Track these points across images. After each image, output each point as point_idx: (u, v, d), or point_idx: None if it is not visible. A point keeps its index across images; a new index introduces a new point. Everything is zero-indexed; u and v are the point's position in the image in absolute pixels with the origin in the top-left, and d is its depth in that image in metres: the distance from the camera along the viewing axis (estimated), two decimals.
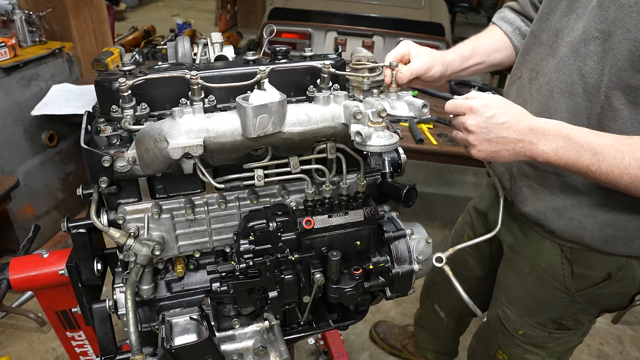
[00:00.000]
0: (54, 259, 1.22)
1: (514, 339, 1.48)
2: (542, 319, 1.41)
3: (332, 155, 1.06)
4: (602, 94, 1.06)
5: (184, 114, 0.90)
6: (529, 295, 1.41)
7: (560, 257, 1.30)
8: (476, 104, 1.03)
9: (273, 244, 1.03)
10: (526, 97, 1.25)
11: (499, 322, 1.50)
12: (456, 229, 1.79)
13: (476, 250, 1.66)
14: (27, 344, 2.41)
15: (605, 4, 1.04)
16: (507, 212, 1.40)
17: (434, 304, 1.96)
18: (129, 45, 4.85)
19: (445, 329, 2.01)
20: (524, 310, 1.43)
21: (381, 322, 2.54)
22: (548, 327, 1.41)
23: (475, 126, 1.03)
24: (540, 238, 1.33)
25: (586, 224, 1.19)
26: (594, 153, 0.98)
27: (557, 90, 1.15)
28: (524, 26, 1.42)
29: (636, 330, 2.72)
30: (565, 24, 1.15)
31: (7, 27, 2.75)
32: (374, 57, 1.14)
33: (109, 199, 1.04)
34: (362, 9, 3.80)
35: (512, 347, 1.50)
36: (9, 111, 2.61)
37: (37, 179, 2.88)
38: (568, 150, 1.00)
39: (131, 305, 0.95)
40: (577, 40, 1.10)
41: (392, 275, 1.12)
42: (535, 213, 1.28)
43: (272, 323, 1.09)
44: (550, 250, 1.31)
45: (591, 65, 1.07)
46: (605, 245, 1.20)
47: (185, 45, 1.17)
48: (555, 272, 1.32)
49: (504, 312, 1.48)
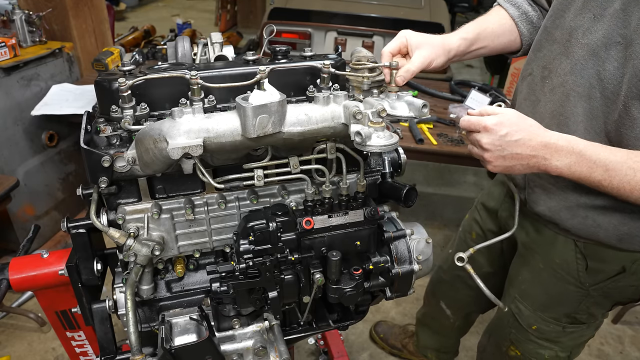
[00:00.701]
0: (54, 259, 1.22)
1: (527, 334, 1.48)
2: (556, 313, 1.41)
3: (332, 155, 1.06)
4: (621, 102, 1.05)
5: (183, 114, 0.89)
6: (543, 290, 1.42)
7: (574, 252, 1.30)
8: (490, 122, 1.04)
9: (273, 244, 1.03)
10: (539, 96, 1.24)
11: (512, 318, 1.50)
12: (464, 226, 1.79)
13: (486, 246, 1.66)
14: (27, 344, 2.41)
15: (630, 8, 1.02)
16: (520, 210, 1.40)
17: (440, 302, 1.95)
18: (129, 45, 4.85)
19: (450, 327, 2.01)
20: (538, 305, 1.43)
21: (381, 322, 2.54)
22: (562, 322, 1.42)
23: (489, 144, 1.05)
24: (554, 234, 1.33)
25: (601, 222, 1.20)
26: (606, 169, 1.01)
27: (573, 94, 1.13)
28: (531, 11, 1.37)
29: (636, 330, 2.72)
30: (580, 23, 1.12)
31: (7, 27, 2.75)
32: (374, 57, 1.14)
33: (109, 199, 1.04)
34: (362, 9, 3.79)
35: (526, 343, 1.50)
36: (9, 111, 2.61)
37: (37, 179, 2.88)
38: (581, 166, 1.03)
39: (131, 305, 0.95)
40: (597, 44, 1.08)
41: (392, 275, 1.12)
42: (549, 212, 1.28)
43: (272, 323, 1.09)
44: (565, 245, 1.31)
45: (611, 70, 1.06)
46: (620, 243, 1.20)
47: (185, 45, 1.17)
48: (570, 267, 1.32)
49: (518, 308, 1.48)
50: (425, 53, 1.19)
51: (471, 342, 2.35)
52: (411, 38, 1.20)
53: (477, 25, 1.37)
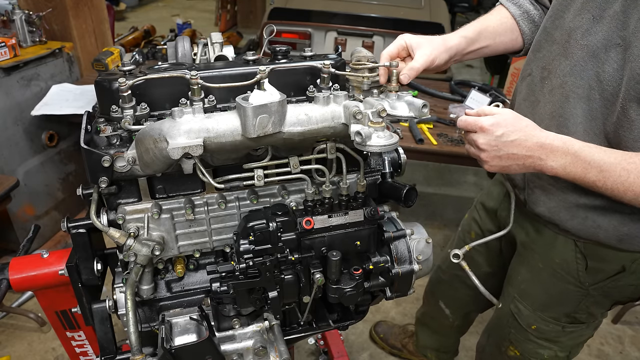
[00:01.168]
0: (54, 259, 1.22)
1: (526, 334, 1.48)
2: (556, 313, 1.41)
3: (332, 155, 1.06)
4: (619, 104, 1.05)
5: (183, 114, 0.90)
6: (542, 290, 1.42)
7: (574, 251, 1.30)
8: (486, 123, 1.06)
9: (273, 244, 1.03)
10: (538, 97, 1.24)
11: (512, 318, 1.50)
12: (463, 225, 1.79)
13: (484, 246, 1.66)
14: (27, 344, 2.41)
15: (629, 10, 1.02)
16: (520, 210, 1.40)
17: (439, 302, 1.96)
18: (129, 45, 4.85)
19: (449, 327, 2.01)
20: (538, 305, 1.43)
21: (381, 322, 2.54)
22: (562, 322, 1.42)
23: (486, 145, 1.07)
24: (553, 235, 1.33)
25: (600, 223, 1.20)
26: (601, 170, 1.02)
27: (573, 95, 1.14)
28: (532, 9, 1.37)
29: (636, 330, 2.72)
30: (579, 24, 1.12)
31: (7, 27, 2.75)
32: (374, 57, 1.14)
33: (109, 199, 1.04)
34: (362, 9, 3.79)
35: (525, 343, 1.50)
36: (9, 111, 2.61)
37: (37, 179, 2.88)
38: (575, 167, 1.04)
39: (131, 305, 0.95)
40: (596, 45, 1.08)
41: (392, 275, 1.12)
42: (549, 213, 1.28)
43: (272, 323, 1.09)
44: (564, 245, 1.31)
45: (610, 72, 1.06)
46: (621, 243, 1.21)
47: (185, 45, 1.17)
48: (570, 266, 1.32)
49: (517, 308, 1.48)
50: (427, 51, 1.19)
51: (471, 342, 2.35)
52: (410, 40, 1.21)
53: (477, 24, 1.37)
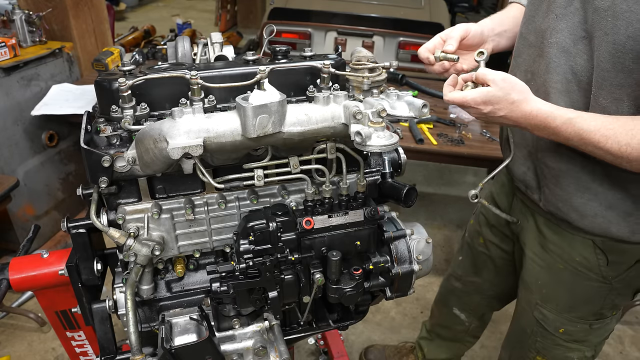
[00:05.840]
0: (54, 259, 1.22)
1: (554, 339, 1.47)
2: (583, 312, 1.41)
3: (332, 155, 1.06)
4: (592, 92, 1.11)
5: (183, 114, 0.90)
6: (566, 291, 1.41)
7: (592, 248, 1.30)
8: (474, 102, 1.10)
9: (273, 244, 1.03)
10: None
11: (537, 325, 1.49)
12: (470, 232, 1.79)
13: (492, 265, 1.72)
14: (27, 344, 2.41)
15: (586, 5, 1.08)
16: (534, 211, 1.42)
17: (453, 309, 1.95)
18: (129, 45, 4.85)
19: (464, 332, 2.00)
20: (563, 306, 1.42)
21: (370, 348, 2.41)
22: (589, 320, 1.41)
23: (475, 115, 1.16)
24: (570, 234, 1.34)
25: (609, 216, 1.22)
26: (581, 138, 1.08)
27: (553, 91, 1.18)
28: None
29: (636, 330, 2.72)
30: (547, 25, 1.19)
31: (7, 27, 2.75)
32: (374, 57, 1.14)
33: (109, 199, 1.04)
34: (362, 9, 3.80)
35: (553, 349, 1.48)
36: (9, 111, 2.61)
37: (37, 179, 2.88)
38: (558, 137, 1.12)
39: (131, 305, 0.95)
40: (565, 41, 1.14)
41: (392, 275, 1.12)
42: (560, 212, 1.30)
43: (272, 323, 1.09)
44: (582, 243, 1.32)
45: (582, 64, 1.12)
46: (633, 236, 1.23)
47: (185, 45, 1.17)
48: (591, 263, 1.32)
49: (542, 314, 1.46)
50: (460, 26, 1.31)
51: (473, 350, 2.33)
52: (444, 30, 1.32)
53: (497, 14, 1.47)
